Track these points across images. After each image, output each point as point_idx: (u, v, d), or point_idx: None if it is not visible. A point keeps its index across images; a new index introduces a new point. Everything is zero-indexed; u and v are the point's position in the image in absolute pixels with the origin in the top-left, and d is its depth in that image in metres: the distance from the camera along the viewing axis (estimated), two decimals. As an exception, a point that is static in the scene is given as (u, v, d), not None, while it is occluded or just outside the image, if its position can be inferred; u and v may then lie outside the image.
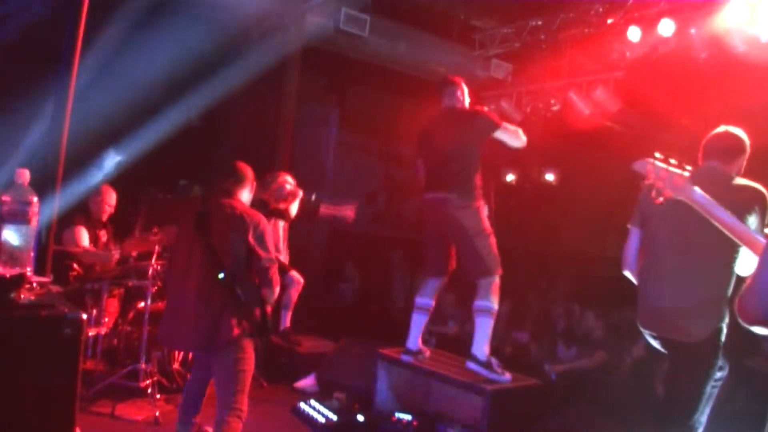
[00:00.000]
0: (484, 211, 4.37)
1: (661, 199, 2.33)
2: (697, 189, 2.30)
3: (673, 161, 2.34)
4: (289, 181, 5.72)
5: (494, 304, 4.28)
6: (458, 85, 4.55)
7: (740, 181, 2.99)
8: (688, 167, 2.34)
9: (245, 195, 3.57)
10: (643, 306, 3.17)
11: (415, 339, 4.63)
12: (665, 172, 2.31)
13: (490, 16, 8.05)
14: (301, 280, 5.75)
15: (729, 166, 3.04)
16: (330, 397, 4.86)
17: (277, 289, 3.47)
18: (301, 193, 5.71)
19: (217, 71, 7.35)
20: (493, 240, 4.34)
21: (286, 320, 5.82)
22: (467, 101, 4.59)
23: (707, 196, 2.30)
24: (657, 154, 2.36)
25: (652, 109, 7.48)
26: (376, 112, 9.24)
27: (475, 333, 4.31)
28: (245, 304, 3.29)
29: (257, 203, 5.46)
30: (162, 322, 3.52)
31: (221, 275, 3.25)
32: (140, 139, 6.90)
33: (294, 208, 5.71)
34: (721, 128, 3.12)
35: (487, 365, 4.23)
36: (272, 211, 5.53)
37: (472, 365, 4.25)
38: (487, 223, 4.35)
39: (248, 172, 3.60)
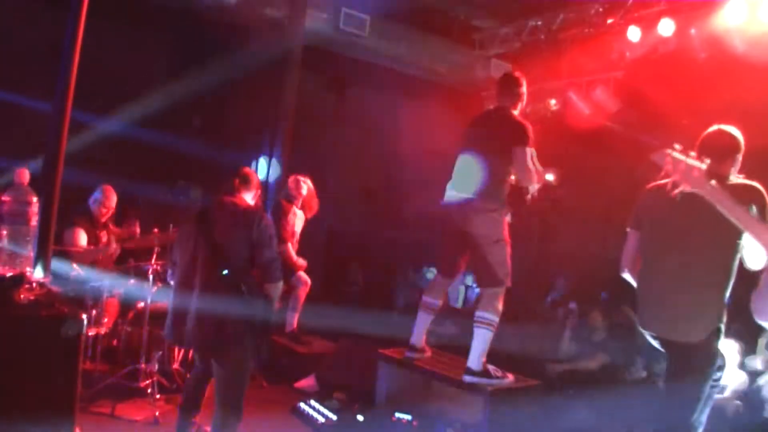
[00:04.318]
0: (507, 219, 4.26)
1: (677, 191, 2.32)
2: (713, 182, 2.28)
3: (692, 153, 2.33)
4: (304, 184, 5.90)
5: (496, 316, 4.20)
6: (518, 85, 4.38)
7: (737, 180, 2.98)
8: (707, 159, 2.33)
9: (249, 198, 3.58)
10: (643, 307, 3.17)
11: (419, 336, 4.61)
12: (683, 164, 2.29)
13: (490, 16, 8.06)
14: (309, 281, 5.76)
15: (724, 166, 3.03)
16: (330, 397, 4.86)
17: (281, 285, 3.47)
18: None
19: (217, 71, 7.35)
20: (508, 250, 4.23)
21: (294, 322, 5.83)
22: (523, 101, 4.42)
23: (722, 190, 2.29)
24: (676, 146, 2.34)
25: (652, 109, 7.47)
26: (376, 112, 9.23)
27: (472, 343, 4.26)
28: (248, 300, 3.29)
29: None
30: (167, 319, 3.53)
31: (224, 272, 3.26)
32: (140, 138, 6.91)
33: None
34: (715, 127, 3.11)
35: (484, 374, 4.20)
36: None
37: (469, 378, 4.21)
38: (506, 233, 4.24)
39: (254, 177, 3.63)
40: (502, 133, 4.18)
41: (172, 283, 3.61)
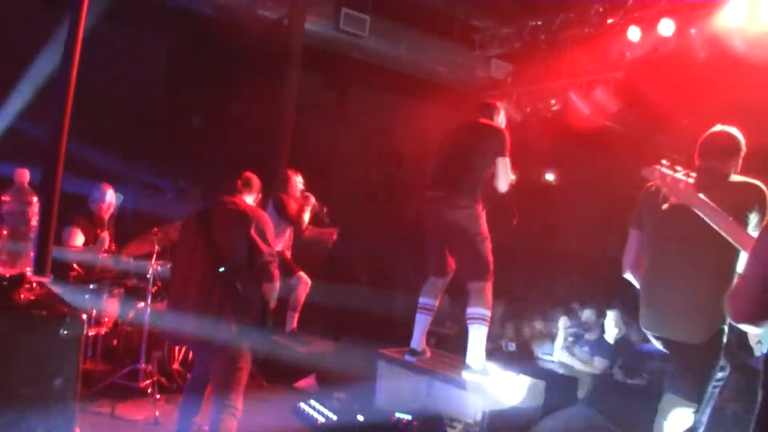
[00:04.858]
0: (483, 216, 4.34)
1: (666, 205, 2.36)
2: (701, 196, 2.31)
3: (679, 168, 2.36)
4: (300, 180, 5.72)
5: (487, 310, 4.24)
6: (496, 109, 4.55)
7: (738, 178, 2.99)
8: (693, 174, 2.36)
9: (250, 200, 3.60)
10: (646, 307, 3.17)
11: (418, 339, 4.63)
12: (671, 178, 2.33)
13: (490, 16, 8.05)
14: (309, 281, 5.74)
15: (726, 165, 3.04)
16: (330, 397, 4.86)
17: (278, 284, 3.48)
18: (313, 200, 5.65)
19: (217, 71, 7.35)
20: (488, 244, 4.30)
21: (293, 322, 5.81)
22: (500, 123, 4.56)
23: (710, 203, 2.32)
24: (664, 161, 2.38)
25: (652, 109, 7.47)
26: (375, 112, 9.23)
27: (469, 342, 4.28)
28: (245, 299, 3.30)
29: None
30: (165, 318, 3.55)
31: (221, 269, 3.27)
32: (139, 139, 6.90)
33: (306, 217, 5.59)
34: (717, 127, 3.12)
35: (483, 371, 4.22)
36: (290, 218, 5.49)
37: (468, 375, 4.23)
38: (485, 227, 4.31)
39: (256, 181, 3.65)
40: (483, 138, 4.33)
41: (171, 282, 3.63)
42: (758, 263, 1.81)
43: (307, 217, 5.55)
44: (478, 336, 4.23)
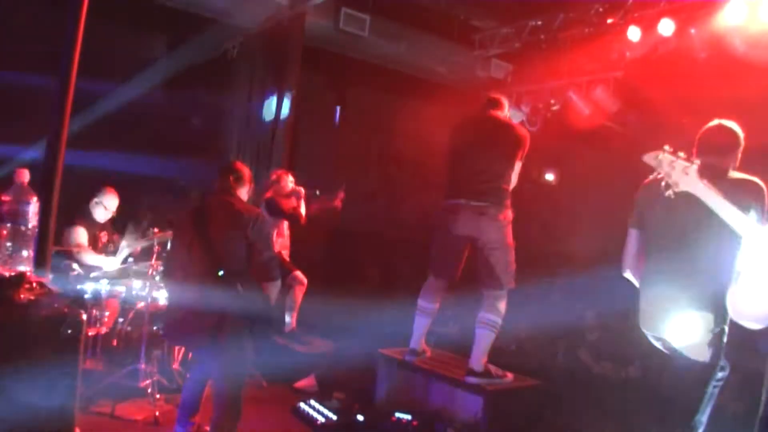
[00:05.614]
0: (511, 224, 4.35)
1: (670, 192, 2.34)
2: (705, 182, 2.30)
3: (681, 154, 2.35)
4: (291, 180, 5.73)
5: (499, 319, 4.26)
6: (502, 105, 4.55)
7: (737, 175, 2.97)
8: (697, 161, 2.34)
9: (243, 194, 3.59)
10: (645, 307, 3.16)
11: (417, 339, 4.63)
12: (675, 164, 2.32)
13: (490, 16, 8.04)
14: (305, 281, 5.74)
15: (725, 161, 3.02)
16: (330, 397, 4.85)
17: (278, 284, 3.48)
18: (303, 191, 5.67)
19: (217, 71, 7.35)
20: (513, 254, 4.31)
21: (293, 321, 5.81)
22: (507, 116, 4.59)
23: (714, 189, 2.30)
24: (666, 147, 2.36)
25: (652, 108, 7.47)
26: (376, 112, 9.23)
27: (474, 345, 4.29)
28: (245, 299, 3.30)
29: (267, 203, 5.49)
30: (165, 319, 3.55)
31: (221, 273, 3.26)
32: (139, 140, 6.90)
33: (303, 209, 5.63)
34: (715, 122, 3.11)
35: (485, 374, 4.23)
36: (286, 215, 5.52)
37: (471, 379, 4.24)
38: (511, 237, 4.31)
39: (246, 171, 3.64)
40: (508, 141, 4.32)
41: (168, 282, 3.63)
42: None
43: (303, 209, 5.60)
44: (484, 341, 4.24)
